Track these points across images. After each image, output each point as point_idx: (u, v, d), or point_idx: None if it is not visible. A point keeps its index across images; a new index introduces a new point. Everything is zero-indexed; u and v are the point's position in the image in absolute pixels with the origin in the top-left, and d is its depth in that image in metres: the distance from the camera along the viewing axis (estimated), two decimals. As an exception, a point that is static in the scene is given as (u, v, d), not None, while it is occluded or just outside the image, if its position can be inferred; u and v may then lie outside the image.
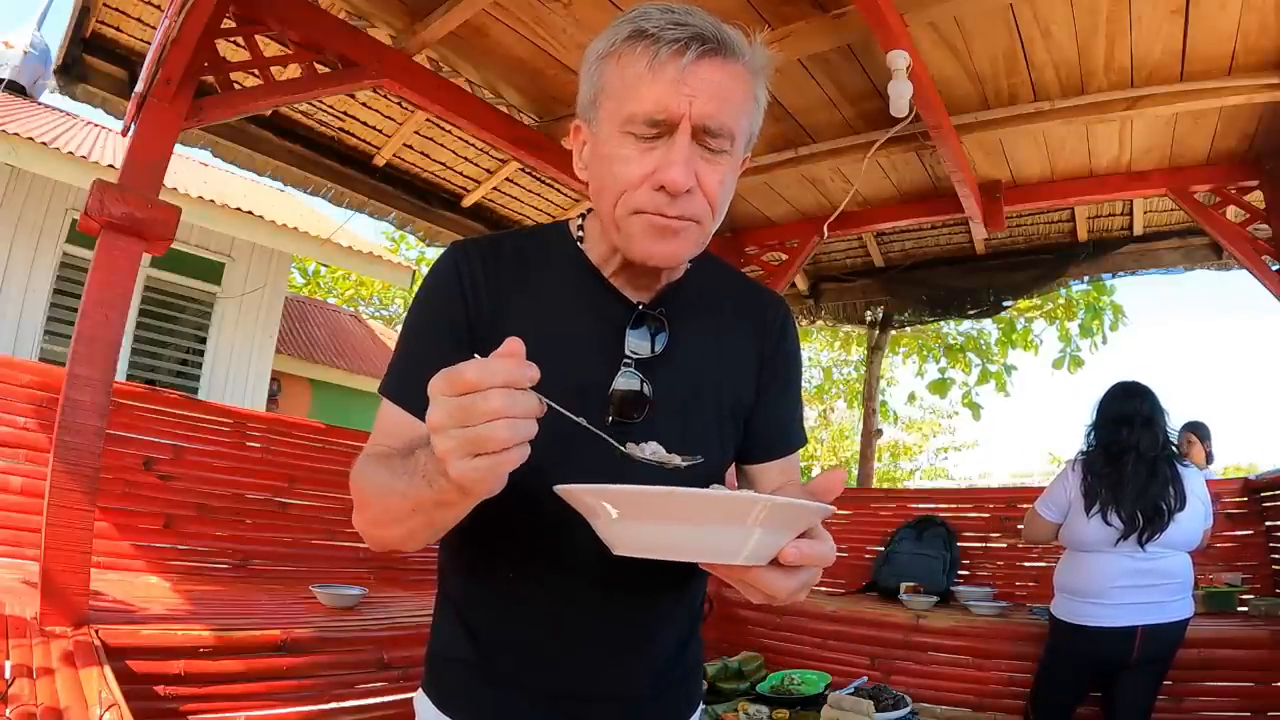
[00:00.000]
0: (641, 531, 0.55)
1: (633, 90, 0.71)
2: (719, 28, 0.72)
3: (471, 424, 0.49)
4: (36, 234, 5.92)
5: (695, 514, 0.53)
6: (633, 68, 0.71)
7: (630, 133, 0.71)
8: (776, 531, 0.54)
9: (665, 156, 0.70)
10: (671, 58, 0.69)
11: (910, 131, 2.78)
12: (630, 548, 0.56)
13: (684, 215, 0.72)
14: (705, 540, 0.53)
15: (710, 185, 0.73)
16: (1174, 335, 71.65)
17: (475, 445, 0.50)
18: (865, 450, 6.37)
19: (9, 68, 6.97)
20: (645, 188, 0.71)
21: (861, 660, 3.19)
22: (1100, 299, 7.59)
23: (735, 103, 0.73)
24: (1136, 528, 2.24)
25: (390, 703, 2.26)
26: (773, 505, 0.52)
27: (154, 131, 2.09)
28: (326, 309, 12.79)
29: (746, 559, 0.55)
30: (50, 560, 1.81)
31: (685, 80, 0.69)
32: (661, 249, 0.74)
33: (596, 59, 0.75)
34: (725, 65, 0.71)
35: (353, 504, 0.73)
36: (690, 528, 0.53)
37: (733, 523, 0.52)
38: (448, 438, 0.50)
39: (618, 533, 0.57)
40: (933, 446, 15.54)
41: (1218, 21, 2.23)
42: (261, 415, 3.47)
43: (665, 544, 0.54)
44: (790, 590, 0.59)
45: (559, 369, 0.78)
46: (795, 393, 0.94)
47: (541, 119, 3.17)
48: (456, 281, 0.79)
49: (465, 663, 0.84)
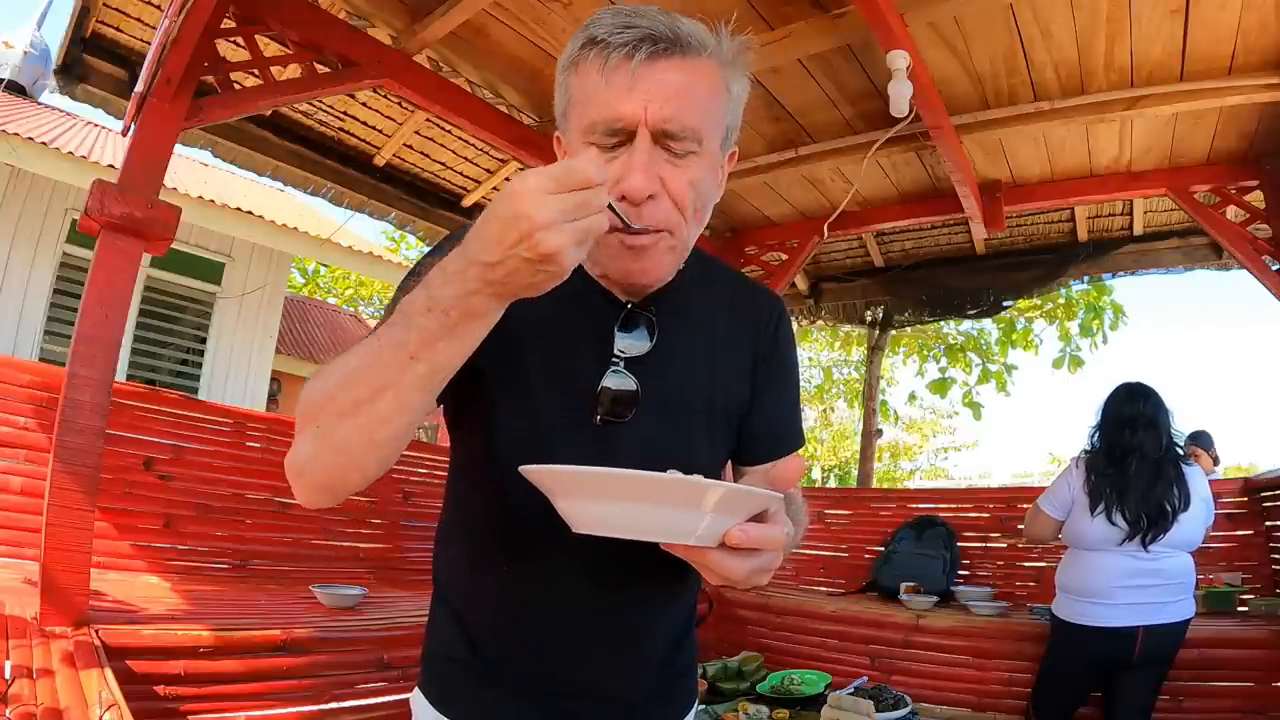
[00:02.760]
0: (596, 510, 0.58)
1: (590, 100, 0.70)
2: (673, 24, 0.69)
3: (587, 214, 0.55)
4: (36, 234, 5.92)
5: (646, 495, 0.56)
6: (589, 76, 0.70)
7: (593, 143, 0.70)
8: (726, 515, 0.57)
9: (626, 163, 0.69)
10: (621, 62, 0.68)
11: (910, 131, 2.78)
12: (586, 525, 0.59)
13: (650, 226, 0.70)
14: (657, 521, 0.56)
15: (677, 189, 0.71)
16: (1174, 335, 71.64)
17: (588, 233, 0.55)
18: (865, 450, 6.37)
19: (9, 68, 6.97)
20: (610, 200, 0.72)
21: (861, 660, 3.19)
22: (1100, 299, 7.59)
23: (698, 100, 0.70)
24: (1141, 528, 2.24)
25: (390, 703, 2.26)
26: (718, 489, 0.55)
27: (154, 131, 2.09)
28: (326, 309, 12.80)
29: (699, 540, 0.57)
30: (50, 560, 1.81)
31: (637, 84, 0.68)
32: (637, 266, 0.73)
33: (561, 71, 0.75)
34: (684, 63, 0.69)
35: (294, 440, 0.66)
36: (642, 508, 0.56)
37: (682, 505, 0.56)
38: (560, 232, 0.54)
39: (574, 512, 0.60)
40: (933, 446, 15.54)
41: (1218, 21, 2.23)
42: (261, 415, 3.47)
43: (619, 523, 0.57)
44: (745, 572, 0.59)
45: (548, 365, 0.78)
46: (793, 393, 0.93)
47: (541, 119, 3.17)
48: None
49: (461, 661, 0.84)
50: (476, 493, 0.85)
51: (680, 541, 0.58)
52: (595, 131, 0.70)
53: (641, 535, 0.57)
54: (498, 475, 0.77)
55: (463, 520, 0.88)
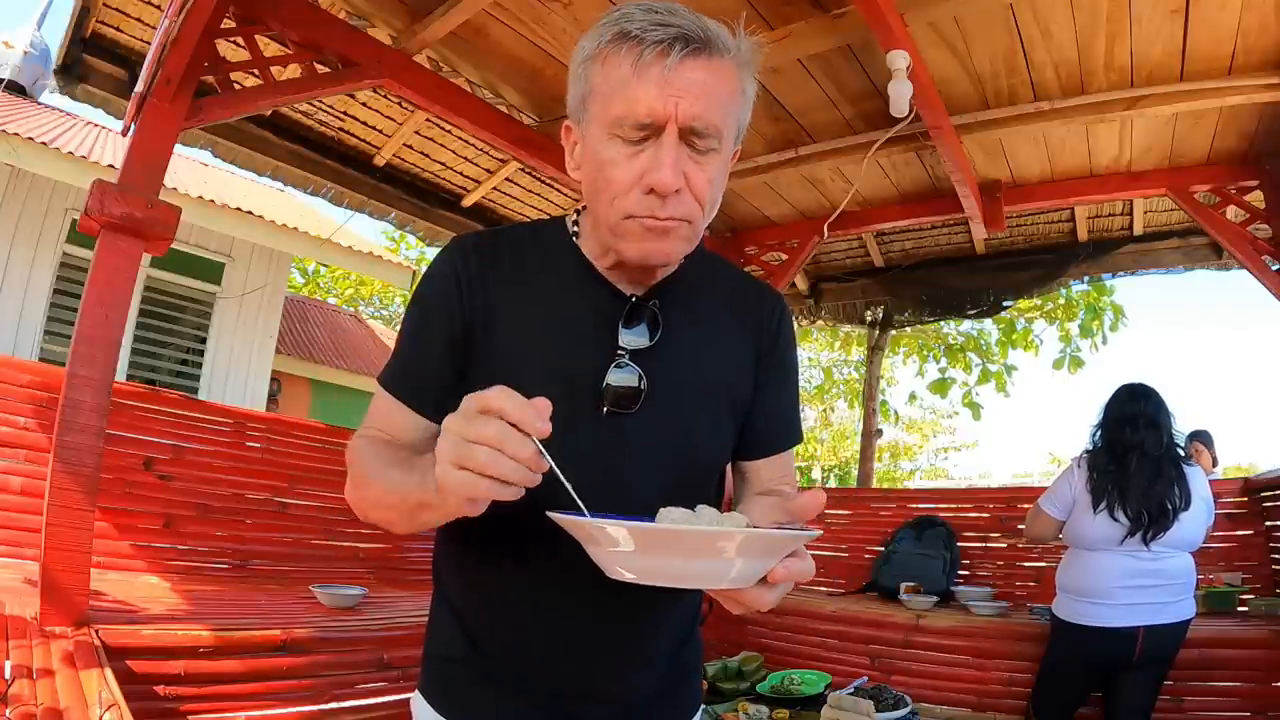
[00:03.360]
0: (631, 560, 0.57)
1: (619, 93, 0.71)
2: (703, 25, 0.71)
3: (466, 437, 0.54)
4: (36, 234, 5.91)
5: (682, 548, 0.55)
6: (618, 70, 0.71)
7: (618, 135, 0.72)
8: (760, 559, 0.57)
9: (654, 159, 0.71)
10: (656, 59, 0.69)
11: (910, 131, 2.78)
12: (621, 574, 0.59)
13: (674, 216, 0.73)
14: (692, 569, 0.56)
15: (699, 185, 0.73)
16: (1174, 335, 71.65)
17: (460, 458, 0.54)
18: (865, 450, 6.37)
19: (9, 68, 6.96)
20: (635, 192, 0.72)
21: (861, 660, 3.19)
22: (1100, 299, 7.59)
23: (722, 100, 0.73)
24: (1143, 525, 2.24)
25: (390, 703, 2.26)
26: (755, 537, 0.55)
27: (154, 131, 2.09)
28: (326, 309, 12.79)
29: (731, 583, 0.58)
30: (50, 560, 1.81)
31: (670, 82, 0.69)
32: (654, 248, 0.75)
33: (583, 60, 0.76)
34: (710, 63, 0.71)
35: (348, 477, 0.79)
36: (678, 559, 0.56)
37: (718, 555, 0.55)
38: (447, 441, 0.56)
39: (608, 561, 0.60)
40: (933, 446, 15.55)
41: (1218, 21, 2.23)
42: (261, 415, 3.47)
43: (654, 572, 0.57)
44: (771, 602, 0.62)
45: (552, 360, 0.78)
46: (792, 389, 0.94)
47: (541, 119, 3.17)
48: (453, 282, 0.81)
49: (462, 663, 0.84)
50: None
51: (716, 587, 0.58)
52: (622, 125, 0.71)
53: (677, 583, 0.57)
54: None
55: (464, 520, 0.87)
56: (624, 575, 0.58)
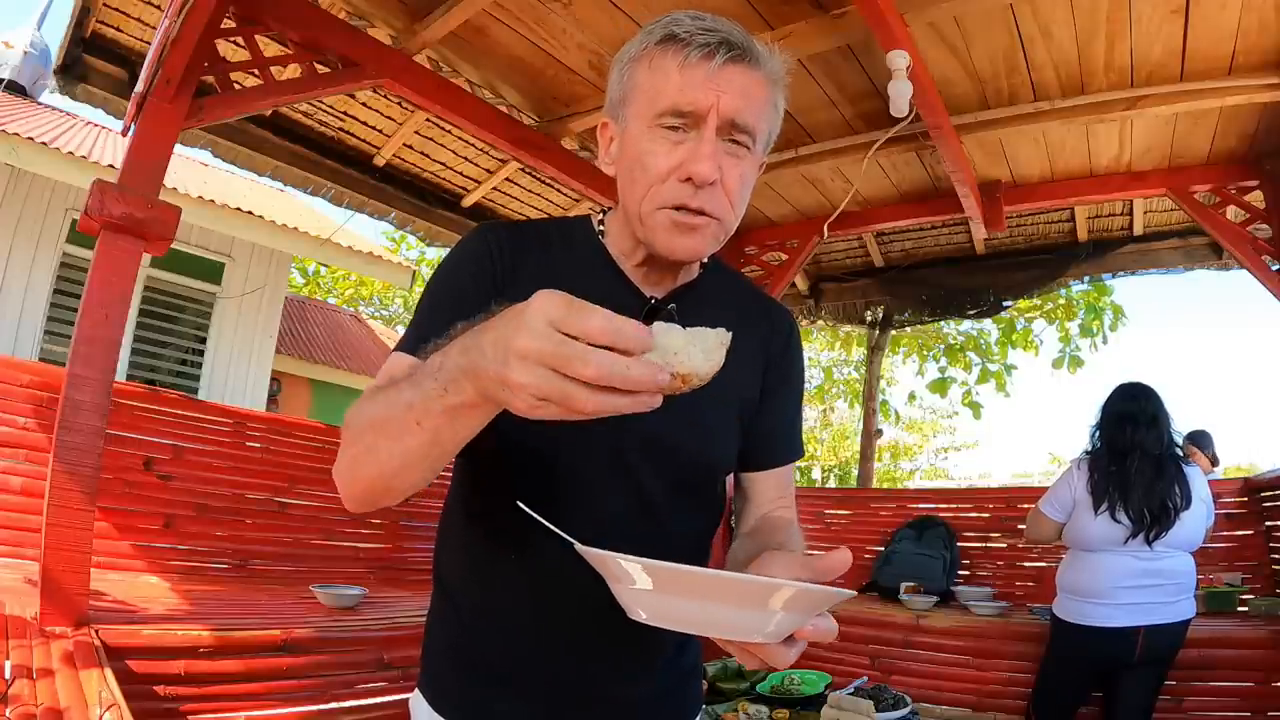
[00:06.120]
0: (662, 604, 0.54)
1: (662, 90, 0.74)
2: (746, 36, 0.75)
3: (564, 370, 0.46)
4: (36, 234, 5.91)
5: (720, 595, 0.51)
6: (663, 69, 0.74)
7: (659, 126, 0.74)
8: (797, 615, 0.54)
9: (694, 149, 0.73)
10: (701, 60, 0.72)
11: (910, 131, 2.78)
12: (647, 617, 0.55)
13: (705, 210, 0.74)
14: (727, 619, 0.52)
15: (732, 182, 0.75)
16: (1174, 335, 71.68)
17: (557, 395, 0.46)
18: (865, 450, 6.36)
19: (9, 68, 6.96)
20: (672, 180, 0.74)
21: (861, 660, 3.19)
22: (1100, 299, 7.59)
23: (759, 104, 0.76)
24: (1144, 525, 2.24)
25: (390, 703, 2.26)
26: (805, 592, 0.51)
27: (154, 131, 2.09)
28: (326, 309, 12.78)
29: (765, 638, 0.54)
30: (50, 560, 1.81)
31: (714, 79, 0.72)
32: (683, 243, 0.76)
33: (628, 61, 0.78)
34: (750, 71, 0.75)
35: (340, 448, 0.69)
36: (713, 606, 0.52)
37: (758, 606, 0.52)
38: (532, 372, 0.46)
39: (631, 600, 0.56)
40: (933, 446, 15.54)
41: (1218, 21, 2.23)
42: (261, 415, 3.47)
43: (685, 619, 0.53)
44: (790, 660, 0.59)
45: None
46: (796, 403, 0.95)
47: (541, 119, 3.17)
48: (489, 258, 0.81)
49: (462, 663, 0.84)
50: (478, 492, 0.85)
51: (745, 639, 0.54)
52: (665, 115, 0.73)
53: (707, 632, 0.53)
54: (501, 474, 0.77)
55: (464, 520, 0.88)
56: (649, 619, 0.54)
